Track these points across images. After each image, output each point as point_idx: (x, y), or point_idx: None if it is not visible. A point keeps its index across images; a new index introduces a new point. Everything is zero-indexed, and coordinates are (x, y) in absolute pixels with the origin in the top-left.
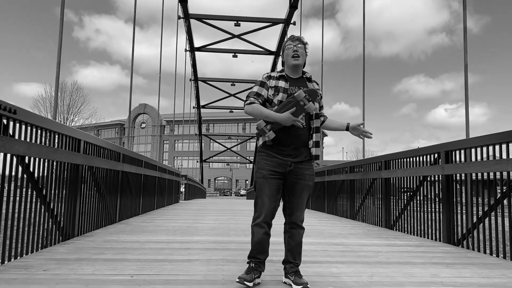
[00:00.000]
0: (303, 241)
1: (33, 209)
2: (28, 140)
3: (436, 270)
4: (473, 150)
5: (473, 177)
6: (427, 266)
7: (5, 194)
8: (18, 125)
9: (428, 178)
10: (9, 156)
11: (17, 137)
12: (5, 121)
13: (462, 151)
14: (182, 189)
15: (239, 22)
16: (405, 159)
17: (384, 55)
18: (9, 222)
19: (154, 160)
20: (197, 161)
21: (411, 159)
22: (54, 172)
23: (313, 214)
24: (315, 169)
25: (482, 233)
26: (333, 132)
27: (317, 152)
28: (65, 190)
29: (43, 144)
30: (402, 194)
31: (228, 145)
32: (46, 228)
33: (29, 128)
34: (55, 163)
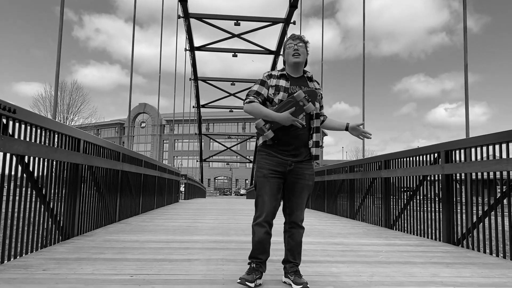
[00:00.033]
0: (303, 240)
1: (32, 208)
2: (28, 139)
3: (436, 269)
4: (473, 150)
5: (473, 176)
6: (427, 266)
7: (4, 194)
8: (17, 124)
9: (428, 178)
10: (8, 155)
11: (16, 136)
12: (4, 120)
13: (462, 151)
14: (182, 188)
15: (239, 22)
16: (405, 158)
17: (384, 54)
18: (9, 222)
19: (154, 159)
20: (197, 161)
21: (411, 158)
22: (54, 172)
23: (313, 214)
24: (315, 168)
25: (482, 232)
26: (333, 131)
27: (317, 152)
28: (64, 189)
29: (42, 143)
30: (402, 193)
31: (228, 145)
32: (45, 227)
33: (28, 127)
34: (54, 162)
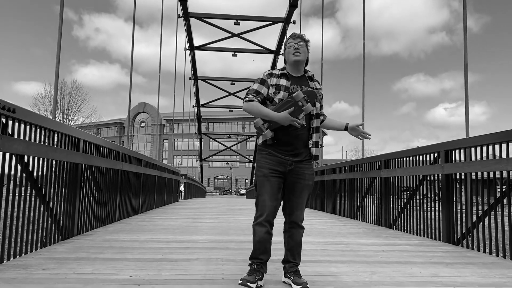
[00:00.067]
0: (302, 240)
1: (32, 208)
2: (28, 139)
3: (435, 269)
4: (472, 150)
5: (473, 176)
6: (426, 266)
7: (4, 193)
8: (17, 124)
9: (428, 177)
10: (8, 155)
11: (16, 136)
12: (4, 120)
13: (462, 151)
14: (182, 188)
15: (238, 21)
16: (404, 158)
17: (384, 53)
18: (8, 221)
19: (153, 159)
20: (197, 160)
21: (410, 158)
22: (54, 171)
23: (313, 213)
24: (315, 168)
25: (482, 232)
26: (332, 131)
27: (316, 152)
28: (64, 189)
29: (42, 143)
30: (401, 193)
31: (228, 144)
32: (45, 227)
33: (28, 127)
34: (54, 162)
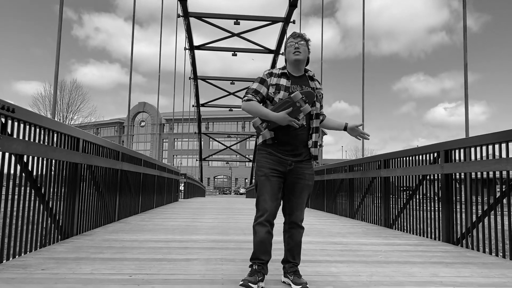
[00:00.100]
0: (302, 240)
1: (31, 208)
2: (27, 139)
3: (435, 269)
4: (472, 149)
5: (473, 176)
6: (426, 266)
7: (3, 193)
8: (16, 124)
9: (428, 177)
10: (7, 155)
11: (15, 136)
12: (3, 120)
13: (462, 150)
14: (182, 187)
15: (238, 21)
16: (404, 158)
17: (384, 53)
18: (8, 221)
19: (153, 158)
20: (197, 160)
21: (410, 158)
22: (53, 171)
23: (312, 213)
24: (315, 168)
25: (482, 232)
26: (332, 130)
27: (315, 152)
28: (64, 189)
29: (41, 143)
30: (401, 193)
31: (228, 144)
32: (44, 227)
33: (27, 126)
34: (53, 161)
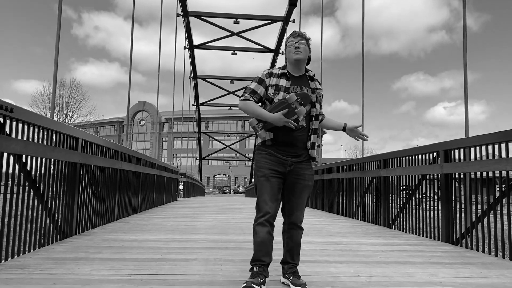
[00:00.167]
0: (301, 240)
1: (30, 208)
2: (25, 138)
3: (434, 270)
4: (472, 149)
5: (472, 175)
6: (425, 266)
7: (2, 193)
8: (15, 123)
9: (427, 176)
10: (6, 154)
11: (14, 135)
12: (1, 119)
13: (461, 150)
14: (181, 186)
15: (238, 20)
16: (404, 157)
17: (384, 52)
18: (6, 220)
19: (152, 158)
20: (196, 159)
21: (411, 157)
22: (52, 171)
23: (312, 212)
24: (314, 167)
25: (481, 232)
26: (332, 130)
27: (313, 154)
28: (62, 188)
29: (40, 142)
30: (401, 192)
31: (227, 143)
32: (43, 227)
33: (26, 126)
34: (52, 161)
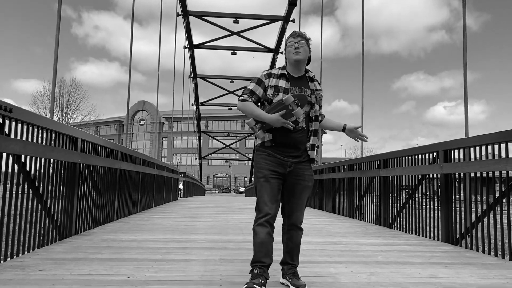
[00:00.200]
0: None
1: (29, 208)
2: (25, 139)
3: (434, 270)
4: (472, 149)
5: (472, 175)
6: (425, 266)
7: (1, 193)
8: (14, 123)
9: (427, 176)
10: (4, 155)
11: (13, 136)
12: (0, 120)
13: (461, 150)
14: (181, 186)
15: (238, 19)
16: (403, 157)
17: (384, 52)
18: (5, 220)
19: (152, 157)
20: (196, 158)
21: (410, 157)
22: (51, 171)
23: (312, 212)
24: (314, 167)
25: (481, 232)
26: (331, 131)
27: (312, 155)
28: (62, 188)
29: (39, 142)
30: (400, 192)
31: (227, 142)
32: (43, 227)
33: (25, 126)
34: (52, 161)
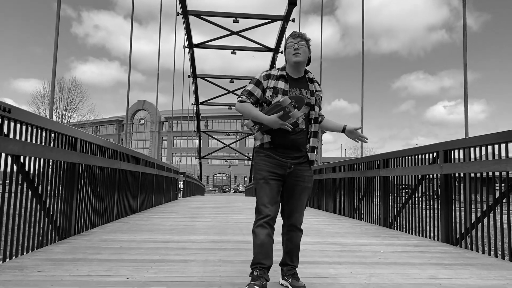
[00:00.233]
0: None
1: (28, 208)
2: (23, 139)
3: (434, 271)
4: (472, 150)
5: (472, 174)
6: (425, 267)
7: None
8: (13, 124)
9: (427, 176)
10: (3, 155)
11: (12, 136)
12: None
13: (461, 150)
14: (181, 186)
15: (238, 19)
16: (403, 157)
17: (383, 51)
18: (4, 220)
19: (152, 157)
20: (196, 158)
21: (410, 157)
22: (50, 171)
23: (312, 212)
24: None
25: (481, 232)
26: (331, 131)
27: (312, 157)
28: (61, 189)
29: (38, 143)
30: (400, 192)
31: (227, 142)
32: (42, 227)
33: (24, 127)
34: (51, 162)
